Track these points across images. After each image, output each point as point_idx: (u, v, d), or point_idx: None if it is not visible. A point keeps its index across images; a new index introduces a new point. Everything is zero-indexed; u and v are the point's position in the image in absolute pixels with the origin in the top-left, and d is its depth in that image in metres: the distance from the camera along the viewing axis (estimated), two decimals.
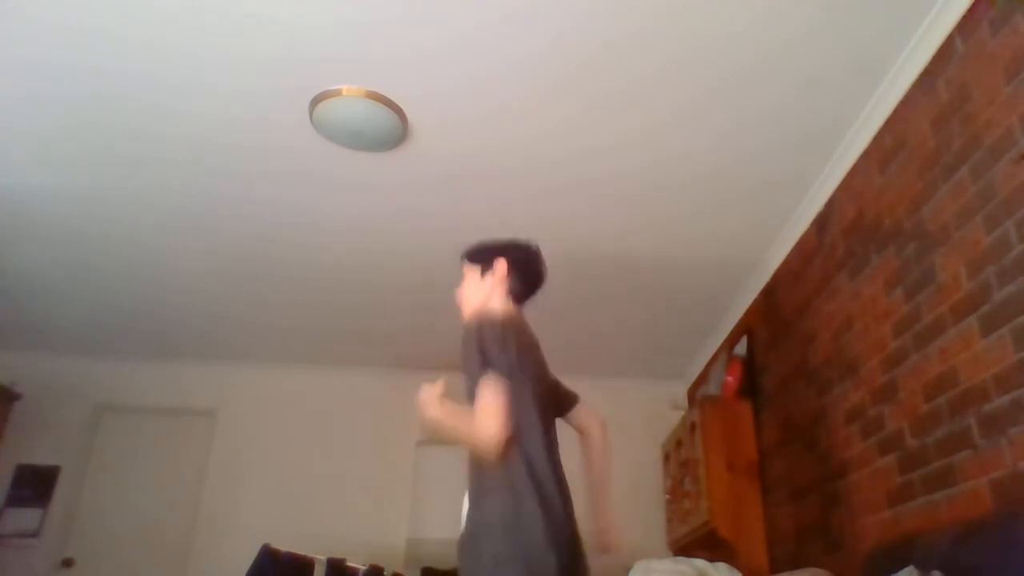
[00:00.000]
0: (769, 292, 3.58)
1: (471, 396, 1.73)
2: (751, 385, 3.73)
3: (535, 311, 2.13)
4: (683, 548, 3.80)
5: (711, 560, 2.98)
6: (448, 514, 4.49)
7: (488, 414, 1.62)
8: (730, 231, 3.31)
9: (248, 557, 3.69)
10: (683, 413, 4.29)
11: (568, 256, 3.56)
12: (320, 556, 3.81)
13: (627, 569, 2.87)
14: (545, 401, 1.90)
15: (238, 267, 3.77)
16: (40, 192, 3.16)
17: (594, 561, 1.85)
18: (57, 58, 2.39)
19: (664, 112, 2.57)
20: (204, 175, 3.01)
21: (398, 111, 2.58)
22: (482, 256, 2.09)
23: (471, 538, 1.68)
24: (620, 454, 4.67)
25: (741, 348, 3.87)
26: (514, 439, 1.66)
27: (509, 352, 1.75)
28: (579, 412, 2.13)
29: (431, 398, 1.77)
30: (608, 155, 2.80)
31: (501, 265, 2.05)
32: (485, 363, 1.70)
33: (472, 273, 2.09)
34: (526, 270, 2.07)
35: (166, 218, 3.33)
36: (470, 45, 2.31)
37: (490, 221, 3.28)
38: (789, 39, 2.26)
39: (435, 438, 4.77)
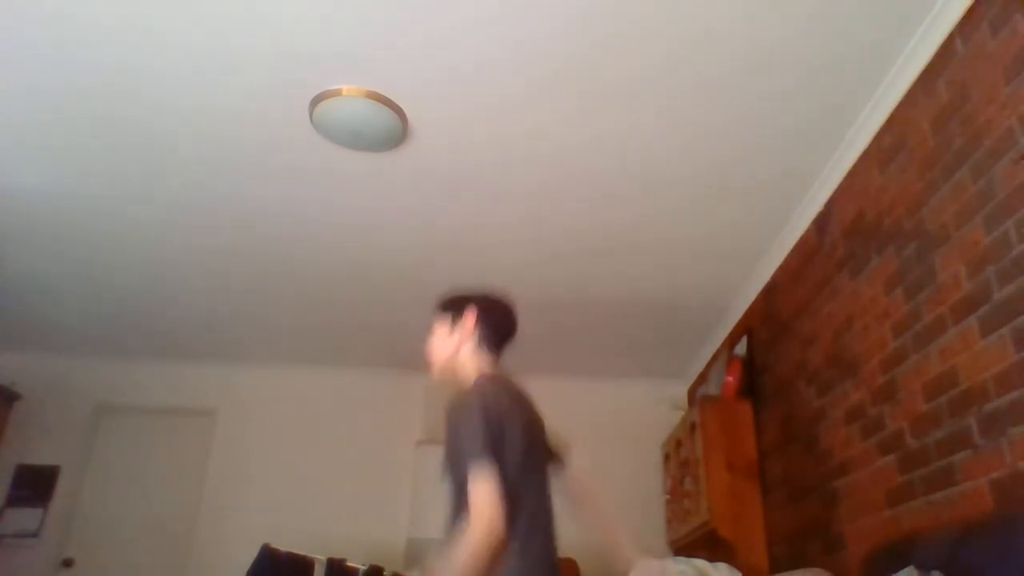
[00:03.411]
0: (769, 292, 3.58)
1: (453, 475, 1.75)
2: (751, 385, 3.73)
3: (535, 311, 2.13)
4: (683, 548, 3.80)
5: (711, 560, 2.98)
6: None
7: (480, 514, 1.62)
8: (730, 231, 3.31)
9: (248, 557, 3.69)
10: (683, 413, 4.29)
11: (568, 255, 3.56)
12: (320, 556, 3.81)
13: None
14: (540, 460, 1.89)
15: (238, 267, 3.77)
16: (39, 191, 3.16)
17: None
18: (56, 51, 2.38)
19: (664, 106, 2.57)
20: (204, 175, 3.01)
21: (398, 111, 2.58)
22: (452, 305, 2.07)
23: None
24: (620, 454, 4.72)
25: (741, 348, 3.87)
26: (508, 534, 1.66)
27: (498, 436, 1.72)
28: (570, 479, 2.08)
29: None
30: (607, 149, 2.79)
31: (470, 315, 2.01)
32: (479, 451, 1.68)
33: (442, 324, 2.06)
34: (496, 319, 2.04)
35: (166, 218, 3.33)
36: (470, 44, 2.30)
37: (490, 220, 3.29)
38: (788, 38, 2.26)
39: (435, 437, 4.77)
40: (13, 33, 2.31)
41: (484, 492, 1.64)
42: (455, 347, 2.01)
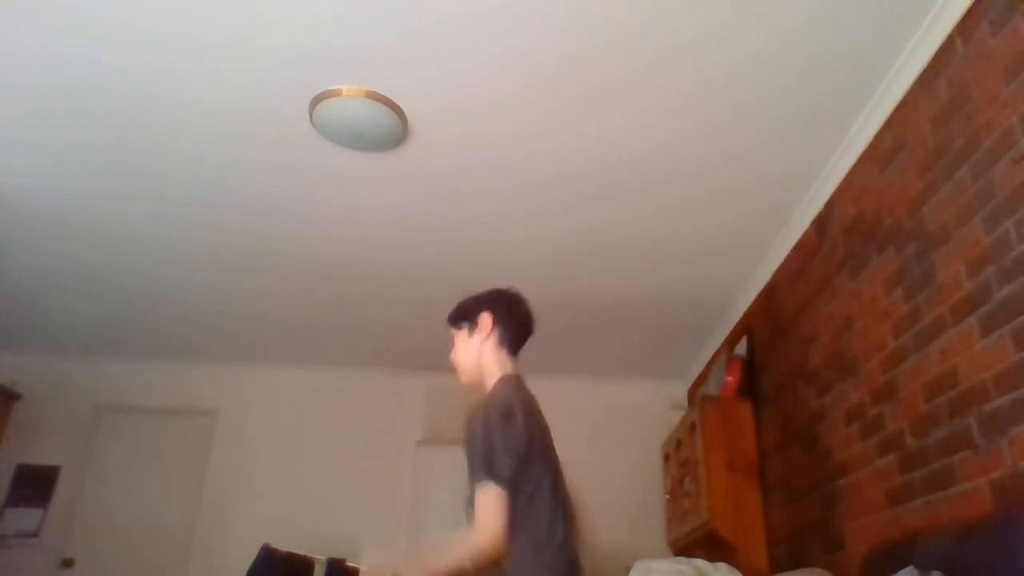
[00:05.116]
0: (769, 292, 3.58)
1: (471, 481, 1.75)
2: (751, 385, 3.73)
3: (535, 310, 2.13)
4: (683, 548, 3.80)
5: (711, 560, 2.98)
6: (448, 514, 4.53)
7: (483, 525, 1.66)
8: (730, 231, 3.31)
9: (248, 557, 3.69)
10: (683, 413, 4.29)
11: (568, 255, 3.56)
12: (320, 556, 3.81)
13: (627, 568, 2.87)
14: (556, 477, 1.89)
15: (239, 267, 3.77)
16: (39, 191, 3.16)
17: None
18: (56, 50, 2.38)
19: (664, 104, 2.57)
20: (204, 175, 3.01)
21: (398, 111, 2.58)
22: (465, 315, 2.06)
23: None
24: (620, 454, 4.72)
25: (741, 348, 3.87)
26: (512, 537, 1.69)
27: (511, 449, 1.73)
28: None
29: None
30: (607, 148, 2.78)
31: (485, 320, 2.01)
32: (482, 468, 1.71)
33: (459, 335, 2.06)
34: (512, 318, 2.04)
35: (166, 218, 3.33)
36: (470, 44, 2.30)
37: (490, 220, 3.29)
38: (787, 38, 2.25)
39: (435, 437, 4.78)
40: (13, 31, 2.31)
41: (489, 507, 1.67)
42: (478, 354, 2.01)
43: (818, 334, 2.97)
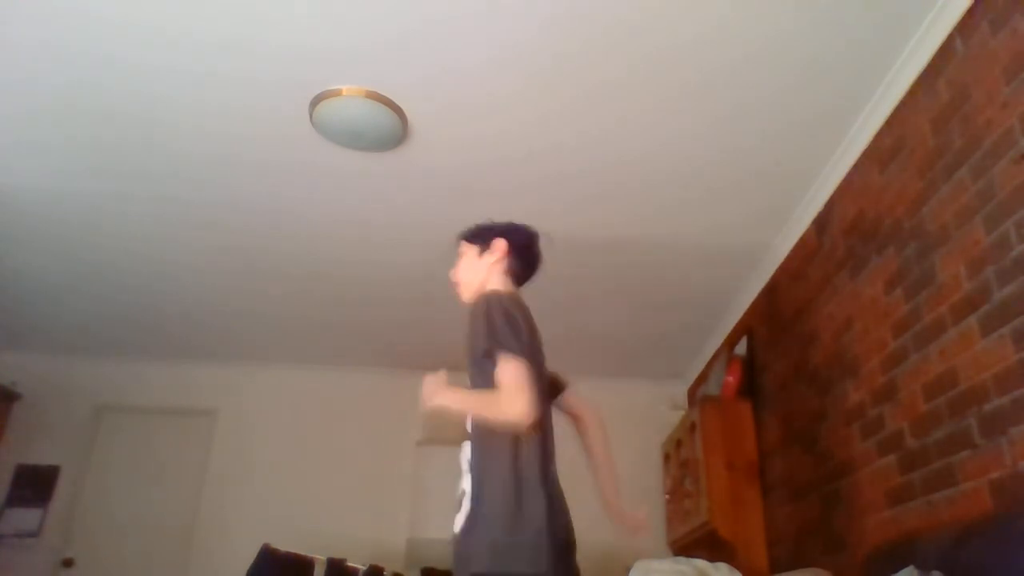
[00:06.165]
0: (769, 292, 3.58)
1: (480, 377, 1.69)
2: (751, 385, 3.73)
3: (534, 309, 2.12)
4: (683, 548, 3.80)
5: (711, 560, 2.98)
6: (448, 514, 4.53)
7: (516, 391, 1.59)
8: (730, 231, 3.31)
9: (248, 557, 3.69)
10: (683, 413, 4.29)
11: (568, 254, 3.56)
12: (320, 556, 3.81)
13: (627, 568, 2.87)
14: (545, 389, 1.87)
15: (239, 267, 3.77)
16: (39, 190, 3.16)
17: (624, 542, 1.83)
18: (55, 48, 2.38)
19: (664, 104, 2.57)
20: (204, 175, 3.01)
21: (398, 111, 2.58)
22: (480, 236, 2.04)
23: (470, 528, 1.65)
24: (620, 454, 4.68)
25: (741, 348, 3.87)
26: (536, 423, 1.63)
27: (521, 333, 1.70)
28: (569, 398, 2.10)
29: (437, 385, 1.76)
30: (607, 147, 2.79)
31: (500, 244, 1.99)
32: (499, 342, 1.66)
33: (469, 252, 2.03)
34: (525, 251, 2.03)
35: (166, 218, 3.33)
36: (469, 44, 2.30)
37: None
38: (787, 38, 2.26)
39: (435, 437, 4.78)
40: (13, 29, 2.31)
41: (518, 378, 1.61)
42: (485, 275, 1.98)
43: (818, 334, 2.97)
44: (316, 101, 2.54)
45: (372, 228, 3.38)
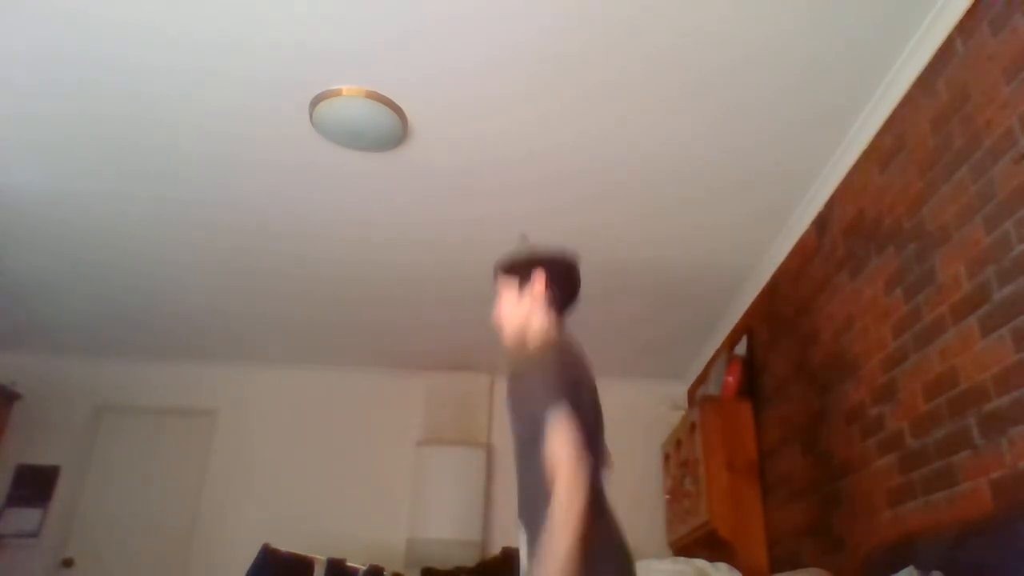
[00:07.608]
0: (769, 292, 3.57)
1: (527, 444, 1.63)
2: (751, 385, 3.73)
3: None
4: (683, 548, 3.80)
5: (711, 560, 2.98)
6: (448, 514, 4.53)
7: (567, 464, 1.50)
8: (729, 231, 3.31)
9: (248, 557, 3.69)
10: (683, 413, 4.29)
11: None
12: (320, 556, 3.81)
13: None
14: (601, 441, 1.82)
15: (239, 267, 3.77)
16: (39, 190, 3.16)
17: None
18: (55, 48, 2.38)
19: (664, 104, 2.57)
20: (204, 175, 3.01)
21: (398, 111, 2.58)
22: (518, 269, 1.96)
23: None
24: (620, 454, 4.69)
25: (741, 348, 3.87)
26: (591, 509, 1.51)
27: (581, 395, 1.64)
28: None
29: None
30: (606, 147, 2.78)
31: (540, 277, 1.92)
32: (550, 402, 1.57)
33: (509, 288, 1.95)
34: (565, 279, 1.97)
35: (166, 218, 3.33)
36: (469, 43, 2.30)
37: (489, 219, 3.28)
38: (787, 37, 2.26)
39: (435, 437, 4.78)
40: (13, 30, 2.31)
41: (565, 437, 1.53)
42: (527, 312, 1.91)
43: (818, 334, 2.97)
44: (316, 101, 2.54)
45: (372, 228, 3.38)
